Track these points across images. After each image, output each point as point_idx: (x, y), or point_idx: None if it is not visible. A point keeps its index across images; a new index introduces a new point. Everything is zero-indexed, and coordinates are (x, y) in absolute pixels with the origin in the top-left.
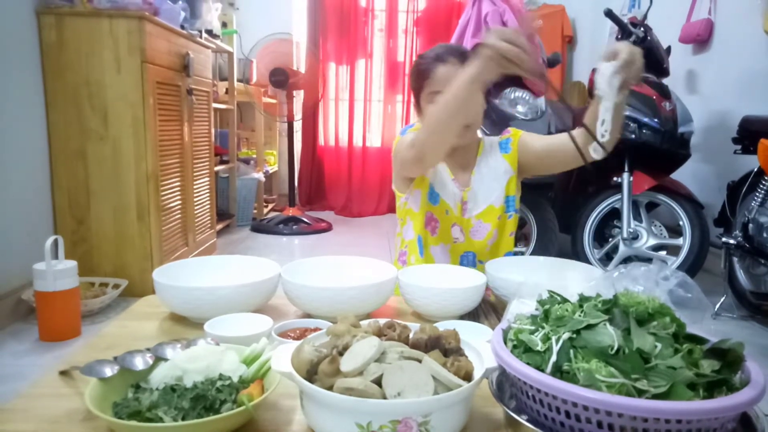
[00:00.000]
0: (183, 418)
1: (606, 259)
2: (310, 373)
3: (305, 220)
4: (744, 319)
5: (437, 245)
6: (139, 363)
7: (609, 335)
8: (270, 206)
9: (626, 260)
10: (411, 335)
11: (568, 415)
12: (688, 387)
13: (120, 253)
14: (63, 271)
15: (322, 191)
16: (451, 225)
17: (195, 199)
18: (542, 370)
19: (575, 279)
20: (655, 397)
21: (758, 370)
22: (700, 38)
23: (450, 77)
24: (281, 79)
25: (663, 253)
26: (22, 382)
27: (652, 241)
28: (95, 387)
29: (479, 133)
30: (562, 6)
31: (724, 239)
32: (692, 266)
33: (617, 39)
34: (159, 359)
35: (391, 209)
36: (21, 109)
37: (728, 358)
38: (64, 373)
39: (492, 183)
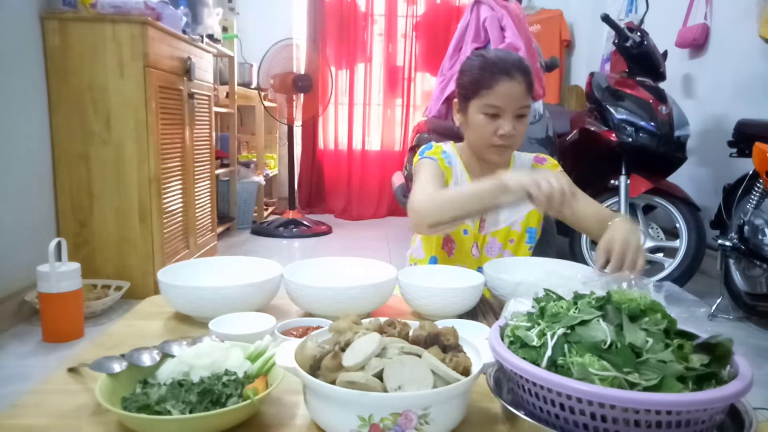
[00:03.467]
0: (190, 412)
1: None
2: (314, 368)
3: (305, 223)
4: (740, 320)
5: (454, 266)
6: (147, 359)
7: (602, 331)
8: (270, 209)
9: None
10: (411, 332)
11: (562, 407)
12: (678, 380)
13: (122, 255)
14: (66, 273)
15: (322, 194)
16: (471, 244)
17: (196, 202)
18: (538, 365)
19: (571, 279)
20: (647, 389)
21: (746, 364)
22: (696, 43)
23: (513, 94)
24: (306, 84)
25: (660, 255)
26: (26, 382)
27: (649, 244)
28: (105, 382)
29: None
30: (560, 11)
31: (720, 241)
32: (689, 268)
33: (614, 43)
34: (166, 356)
35: (391, 212)
36: (25, 113)
37: (717, 353)
38: (72, 370)
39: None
